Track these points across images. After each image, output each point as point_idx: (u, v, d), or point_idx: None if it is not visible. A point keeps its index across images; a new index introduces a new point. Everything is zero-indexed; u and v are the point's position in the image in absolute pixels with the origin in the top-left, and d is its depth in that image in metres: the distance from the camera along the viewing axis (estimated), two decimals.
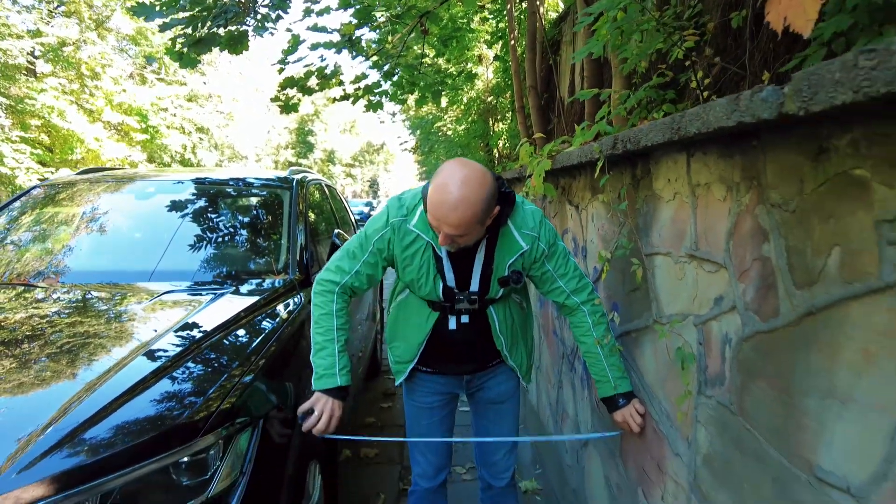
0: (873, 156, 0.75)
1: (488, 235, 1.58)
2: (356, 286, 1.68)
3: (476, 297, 1.64)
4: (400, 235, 1.61)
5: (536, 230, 1.62)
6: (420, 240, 1.60)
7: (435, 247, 1.59)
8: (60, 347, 1.65)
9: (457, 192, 1.38)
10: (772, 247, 1.00)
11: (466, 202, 1.38)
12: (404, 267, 1.65)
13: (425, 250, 1.61)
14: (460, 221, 1.40)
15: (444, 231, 1.44)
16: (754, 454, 1.08)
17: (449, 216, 1.40)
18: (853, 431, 0.82)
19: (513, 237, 1.61)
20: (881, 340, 0.76)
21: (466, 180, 1.39)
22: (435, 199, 1.41)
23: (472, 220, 1.42)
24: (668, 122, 1.19)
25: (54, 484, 1.13)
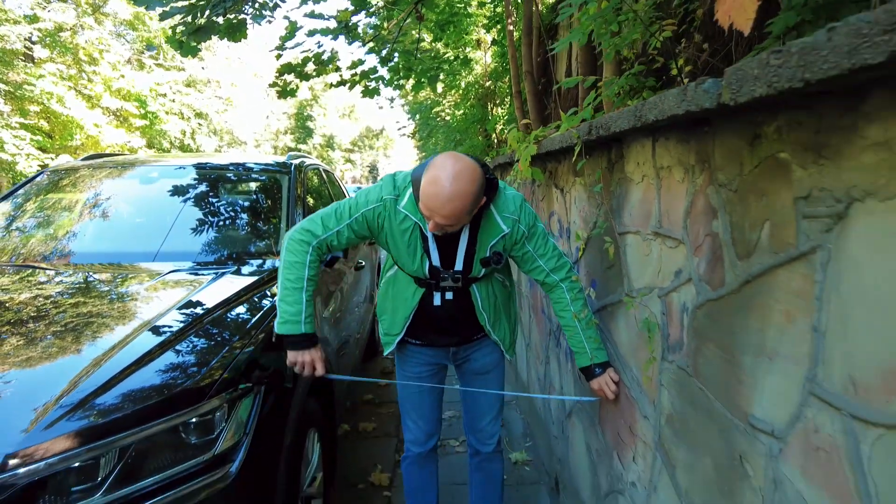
0: (792, 141, 0.86)
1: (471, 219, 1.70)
2: (333, 245, 1.75)
3: (459, 276, 1.75)
4: (390, 213, 1.71)
5: (517, 214, 1.73)
6: (408, 220, 1.70)
7: (422, 227, 1.70)
8: (69, 325, 1.76)
9: (449, 186, 1.49)
10: (720, 223, 1.11)
11: (458, 196, 1.49)
12: (393, 244, 1.76)
13: (413, 230, 1.72)
14: (452, 213, 1.51)
15: (435, 220, 1.55)
16: (705, 410, 1.20)
17: (442, 209, 1.50)
18: (777, 382, 0.94)
19: (495, 221, 1.72)
20: (797, 301, 0.88)
21: (459, 175, 1.50)
22: (429, 191, 1.51)
23: (463, 211, 1.54)
24: (632, 111, 1.30)
25: (78, 438, 1.25)
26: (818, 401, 0.83)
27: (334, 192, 4.22)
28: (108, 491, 1.28)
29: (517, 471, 2.98)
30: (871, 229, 0.72)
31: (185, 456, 1.41)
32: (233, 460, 1.47)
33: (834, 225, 0.79)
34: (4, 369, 1.47)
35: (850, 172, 0.75)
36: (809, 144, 0.82)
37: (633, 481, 1.67)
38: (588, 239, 1.97)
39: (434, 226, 1.58)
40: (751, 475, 1.04)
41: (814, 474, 0.85)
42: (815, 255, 0.83)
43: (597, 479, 2.03)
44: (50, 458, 1.22)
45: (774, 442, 0.95)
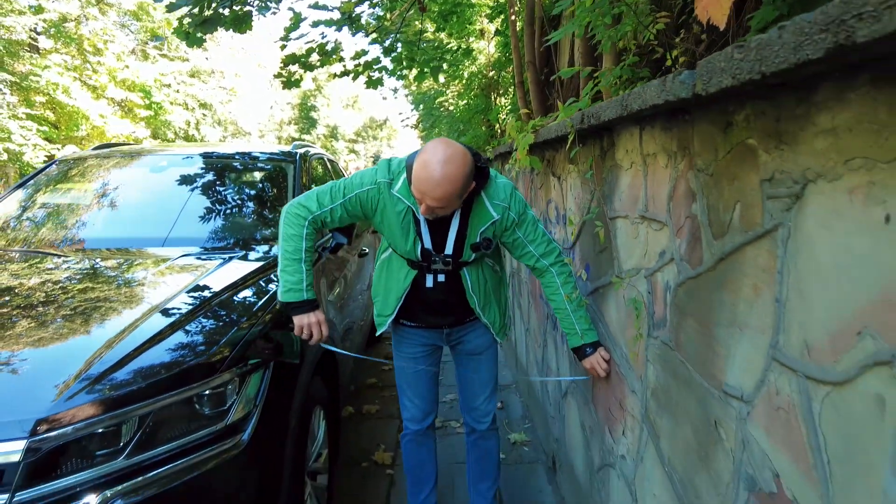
0: (758, 128, 0.94)
1: (463, 205, 1.77)
2: (326, 221, 1.83)
3: (450, 260, 1.83)
4: (384, 196, 1.79)
5: (507, 201, 1.81)
6: (402, 203, 1.78)
7: (415, 211, 1.78)
8: (84, 308, 1.85)
9: (440, 169, 1.56)
10: (698, 205, 1.19)
11: (448, 179, 1.57)
12: (387, 226, 1.83)
13: (406, 214, 1.79)
14: (442, 196, 1.59)
15: (426, 203, 1.63)
16: (686, 381, 1.29)
17: (432, 191, 1.58)
18: (746, 351, 1.02)
19: (485, 207, 1.79)
20: (763, 275, 0.96)
21: (449, 159, 1.58)
22: (420, 175, 1.59)
23: (453, 195, 1.61)
24: (619, 100, 1.37)
25: (101, 406, 1.35)
26: (779, 365, 0.92)
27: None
28: (130, 455, 1.37)
29: (516, 451, 3.08)
30: (822, 208, 0.80)
31: (200, 425, 1.51)
32: (244, 430, 1.57)
33: (793, 204, 0.87)
34: (21, 348, 1.57)
35: (805, 156, 0.83)
36: (772, 131, 0.90)
37: (623, 454, 1.76)
38: (582, 224, 2.04)
39: (426, 209, 1.65)
40: (724, 438, 1.12)
41: (774, 433, 0.94)
42: (777, 232, 0.91)
43: (590, 455, 2.13)
44: (77, 423, 1.31)
45: (743, 406, 1.04)
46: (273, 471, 1.68)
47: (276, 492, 1.67)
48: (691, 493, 1.27)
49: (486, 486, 2.29)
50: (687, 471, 1.30)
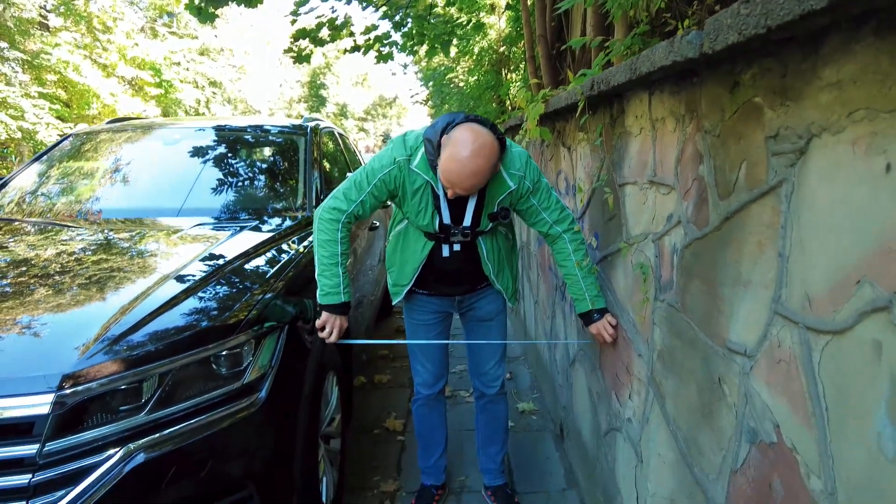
0: (763, 86, 0.95)
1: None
2: (360, 214, 1.88)
3: (469, 232, 1.87)
4: (405, 172, 1.80)
5: (523, 170, 1.83)
6: (421, 179, 1.80)
7: (434, 186, 1.80)
8: (100, 276, 1.90)
9: (471, 163, 1.61)
10: (705, 167, 1.21)
11: (480, 171, 1.63)
12: (406, 202, 1.86)
13: (425, 189, 1.82)
14: (472, 186, 1.67)
15: (455, 191, 1.69)
16: (690, 341, 1.32)
17: (462, 183, 1.64)
18: (749, 307, 1.05)
19: (503, 178, 1.81)
20: (767, 232, 0.98)
21: (478, 152, 1.61)
22: (450, 167, 1.63)
23: (482, 182, 1.69)
24: (628, 64, 1.38)
25: (123, 364, 1.41)
26: (781, 318, 0.94)
27: (349, 157, 4.32)
28: (151, 411, 1.43)
29: (524, 419, 3.14)
30: (824, 161, 0.81)
31: (217, 385, 1.56)
32: (259, 390, 1.62)
33: (797, 160, 0.88)
34: (42, 314, 1.62)
35: (809, 111, 0.84)
36: (777, 88, 0.91)
37: (629, 417, 1.80)
38: (592, 192, 2.06)
39: (453, 194, 1.71)
40: (727, 394, 1.15)
41: (775, 384, 0.97)
42: (782, 188, 0.92)
43: (597, 420, 2.17)
44: (100, 379, 1.37)
45: (746, 361, 1.06)
46: (288, 431, 1.73)
47: (290, 450, 1.73)
48: (695, 449, 1.31)
49: (495, 449, 2.34)
50: (691, 428, 1.33)
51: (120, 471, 1.36)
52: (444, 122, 1.73)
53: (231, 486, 1.56)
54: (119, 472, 1.36)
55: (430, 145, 1.76)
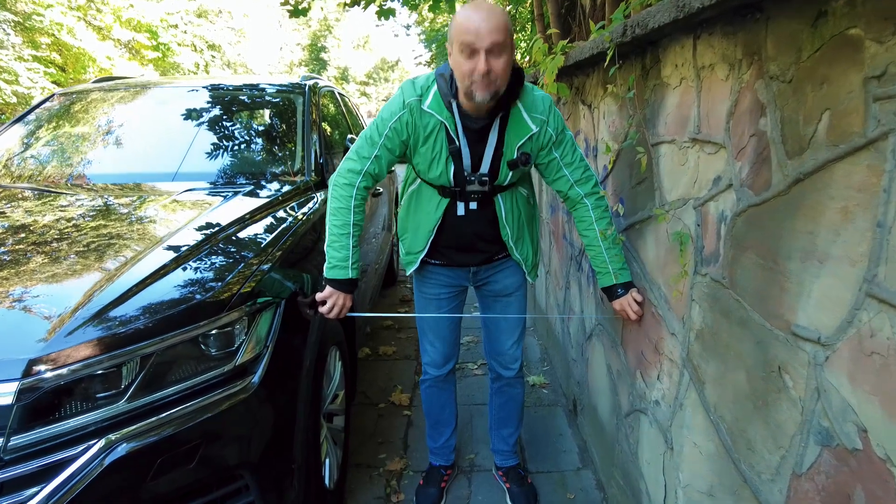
0: (867, 12, 0.76)
1: (501, 114, 1.60)
2: (375, 172, 1.71)
3: (486, 179, 1.67)
4: (417, 115, 1.62)
5: (545, 115, 1.64)
6: (434, 120, 1.62)
7: (448, 128, 1.62)
8: (83, 243, 1.73)
9: (484, 4, 1.44)
10: (768, 120, 1.02)
11: (496, 10, 1.45)
12: (417, 151, 1.68)
13: (439, 131, 1.63)
14: (496, 24, 1.42)
15: (481, 48, 1.42)
16: (740, 321, 1.15)
17: (486, 22, 1.41)
18: (827, 286, 0.88)
19: (522, 119, 1.63)
20: (858, 197, 0.80)
21: (496, 7, 1.46)
22: (463, 17, 1.44)
23: (506, 25, 1.44)
24: (673, 0, 1.18)
25: (100, 346, 1.25)
26: (877, 302, 0.77)
27: (351, 119, 4.10)
28: (132, 398, 1.28)
29: (535, 393, 3.01)
30: None
31: (207, 367, 1.41)
32: (254, 372, 1.47)
33: None
34: (15, 286, 1.46)
35: None
36: (891, 12, 0.72)
37: (657, 400, 1.65)
38: (618, 153, 1.87)
39: (483, 64, 1.43)
40: (789, 385, 0.99)
41: (864, 381, 0.80)
42: (887, 141, 0.74)
43: (617, 399, 2.03)
44: (73, 364, 1.22)
45: (820, 350, 0.90)
46: (286, 414, 1.59)
47: (289, 434, 1.59)
48: (743, 444, 1.16)
49: (509, 431, 2.21)
50: (738, 420, 1.18)
51: (99, 464, 1.22)
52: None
53: (224, 476, 1.42)
54: (98, 466, 1.22)
55: (442, 80, 1.60)
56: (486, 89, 1.47)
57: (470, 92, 1.49)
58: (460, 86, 1.53)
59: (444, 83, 1.59)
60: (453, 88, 1.57)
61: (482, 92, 1.47)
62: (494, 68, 1.44)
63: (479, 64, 1.43)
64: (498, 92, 1.50)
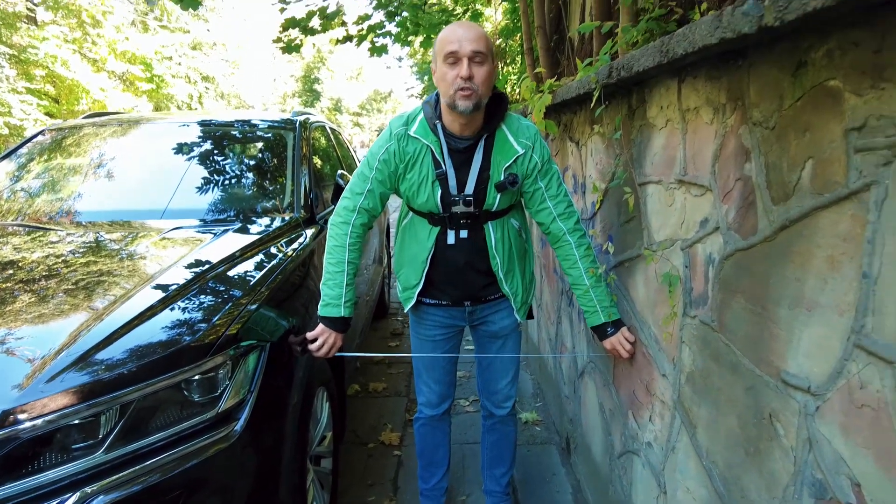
0: (845, 65, 0.77)
1: (486, 135, 1.65)
2: (370, 207, 1.73)
3: (471, 199, 1.68)
4: (403, 143, 1.66)
5: (532, 141, 1.68)
6: (421, 144, 1.66)
7: (434, 152, 1.65)
8: (70, 282, 1.71)
9: (466, 22, 1.61)
10: (753, 165, 1.02)
11: (476, 25, 1.58)
12: (404, 178, 1.70)
13: (425, 155, 1.66)
14: (477, 35, 1.53)
15: (463, 55, 1.51)
16: (730, 366, 1.14)
17: (467, 33, 1.52)
18: (816, 335, 0.87)
19: (508, 141, 1.67)
20: (844, 246, 0.80)
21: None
22: (447, 32, 1.56)
23: (486, 37, 1.55)
24: (657, 45, 1.19)
25: (77, 394, 1.21)
26: (866, 353, 0.76)
27: (342, 152, 4.12)
28: (110, 448, 1.24)
29: (528, 430, 2.96)
30: None
31: (189, 414, 1.37)
32: (237, 419, 1.43)
33: (893, 158, 0.70)
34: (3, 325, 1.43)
35: None
36: (867, 67, 0.72)
37: (649, 441, 1.62)
38: (605, 192, 1.88)
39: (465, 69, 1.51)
40: (781, 434, 0.97)
41: (856, 433, 0.79)
42: (869, 192, 0.74)
43: (610, 439, 1.99)
44: (49, 414, 1.18)
45: (810, 399, 0.88)
46: (271, 460, 1.55)
47: (274, 483, 1.54)
48: (736, 492, 1.13)
49: (502, 471, 2.17)
50: (731, 467, 1.15)
51: None
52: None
53: None
54: None
55: (428, 106, 1.68)
56: (469, 99, 1.53)
57: (453, 103, 1.55)
58: (445, 99, 1.59)
59: (429, 108, 1.67)
60: (438, 111, 1.65)
61: (465, 101, 1.53)
62: (476, 75, 1.53)
63: (461, 70, 1.51)
64: (480, 102, 1.56)
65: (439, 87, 1.60)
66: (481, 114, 1.63)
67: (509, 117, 1.69)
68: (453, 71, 1.53)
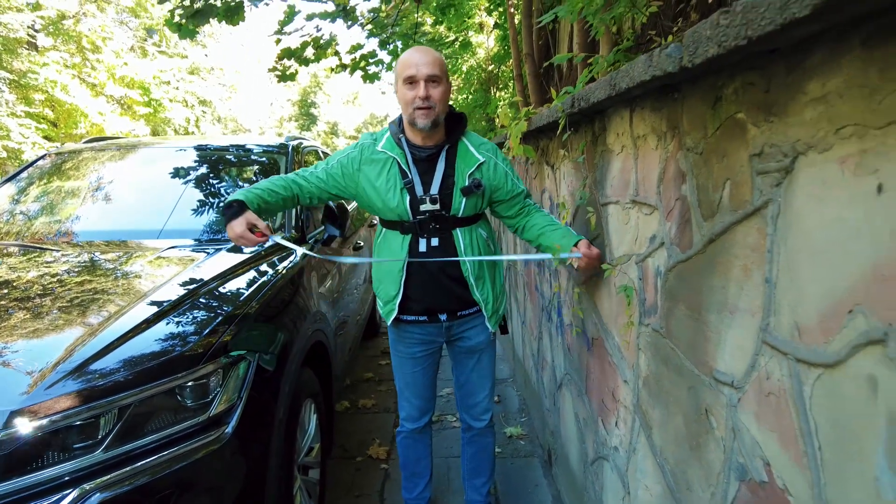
0: (747, 101, 0.90)
1: (448, 146, 1.84)
2: (307, 184, 1.89)
3: (437, 198, 1.80)
4: (368, 154, 1.86)
5: (492, 153, 1.90)
6: (387, 157, 1.84)
7: (400, 163, 1.82)
8: (67, 299, 1.82)
9: (422, 47, 1.80)
10: (687, 186, 1.15)
11: (432, 50, 1.78)
12: (372, 188, 1.84)
13: (391, 165, 1.83)
14: (433, 59, 1.74)
15: (420, 78, 1.71)
16: (676, 369, 1.25)
17: (423, 57, 1.73)
18: (737, 335, 0.99)
19: (469, 150, 1.87)
20: (753, 255, 0.92)
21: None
22: (406, 56, 1.76)
23: (441, 60, 1.77)
24: (607, 80, 1.33)
25: (79, 398, 1.32)
26: (769, 348, 0.88)
27: None
28: (108, 448, 1.34)
29: (512, 444, 3.05)
30: (812, 181, 0.76)
31: (182, 417, 1.47)
32: (227, 423, 1.54)
33: (783, 179, 0.83)
34: (2, 340, 1.54)
35: (794, 128, 0.79)
36: (761, 103, 0.86)
37: (616, 446, 1.72)
38: (575, 211, 2.00)
39: (423, 90, 1.71)
40: (714, 427, 1.08)
41: (765, 419, 0.90)
42: (767, 209, 0.87)
43: (584, 448, 2.09)
44: (52, 415, 1.28)
45: (734, 392, 1.00)
46: (258, 465, 1.64)
47: (261, 486, 1.64)
48: (683, 484, 1.24)
49: (482, 481, 2.26)
50: (679, 462, 1.26)
51: None
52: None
53: None
54: None
55: (393, 125, 1.89)
56: (427, 116, 1.74)
57: (413, 120, 1.76)
58: (406, 117, 1.80)
59: (394, 126, 1.88)
60: (402, 127, 1.86)
61: (423, 119, 1.74)
62: (433, 95, 1.73)
63: (419, 91, 1.72)
64: (437, 119, 1.77)
65: (401, 106, 1.80)
66: (441, 129, 1.83)
67: (469, 134, 1.91)
68: (412, 92, 1.73)
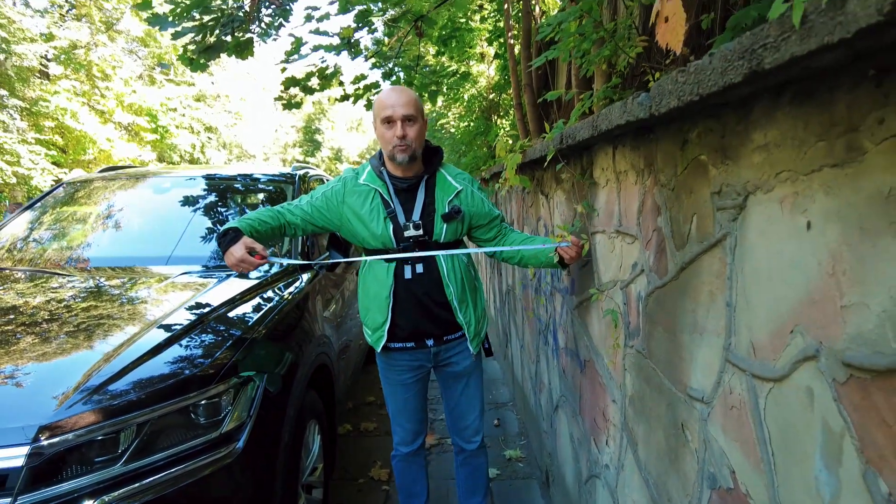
0: (707, 145, 1.02)
1: (427, 176, 1.97)
2: (293, 214, 1.99)
3: (420, 223, 1.91)
4: (351, 186, 1.97)
5: (468, 182, 2.04)
6: (369, 189, 1.96)
7: (382, 194, 1.93)
8: (83, 324, 1.92)
9: (398, 87, 1.93)
10: (663, 219, 1.26)
11: (407, 90, 1.91)
12: (357, 218, 1.93)
13: (374, 196, 1.95)
14: (409, 100, 1.86)
15: (397, 118, 1.84)
16: (657, 387, 1.35)
17: (399, 98, 1.86)
18: (706, 354, 1.09)
19: (447, 180, 2.00)
20: (717, 282, 1.02)
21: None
22: (383, 97, 1.88)
23: (416, 100, 1.89)
24: (590, 121, 1.45)
25: (101, 414, 1.42)
26: (731, 366, 0.98)
27: None
28: (128, 462, 1.43)
29: (511, 467, 3.11)
30: (760, 217, 0.87)
31: (195, 434, 1.57)
32: (238, 439, 1.63)
33: (738, 215, 0.94)
34: (25, 363, 1.63)
35: (745, 170, 0.90)
36: (718, 147, 0.97)
37: (607, 463, 1.80)
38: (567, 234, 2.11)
39: (400, 129, 1.83)
40: (689, 440, 1.18)
41: (730, 430, 1.00)
42: (726, 241, 0.97)
43: (578, 467, 2.17)
44: (77, 430, 1.38)
45: (704, 407, 1.09)
46: (266, 480, 1.73)
47: (268, 501, 1.72)
48: (664, 495, 1.32)
49: (477, 500, 2.32)
50: (660, 474, 1.35)
51: None
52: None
53: None
54: None
55: (374, 159, 2.02)
56: (405, 152, 1.87)
57: (392, 156, 1.89)
58: (385, 153, 1.93)
59: (375, 160, 2.01)
60: (382, 161, 1.98)
61: (401, 154, 1.88)
62: (409, 133, 1.87)
63: (396, 130, 1.85)
64: (414, 154, 1.90)
65: (380, 142, 1.93)
66: (418, 162, 1.96)
67: (446, 165, 2.05)
68: (390, 131, 1.86)
